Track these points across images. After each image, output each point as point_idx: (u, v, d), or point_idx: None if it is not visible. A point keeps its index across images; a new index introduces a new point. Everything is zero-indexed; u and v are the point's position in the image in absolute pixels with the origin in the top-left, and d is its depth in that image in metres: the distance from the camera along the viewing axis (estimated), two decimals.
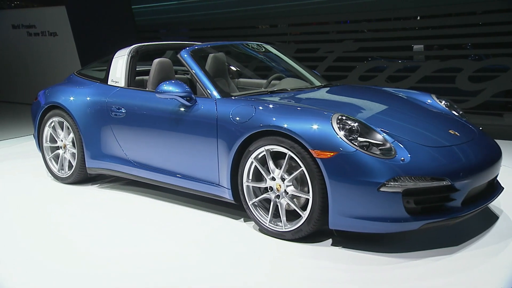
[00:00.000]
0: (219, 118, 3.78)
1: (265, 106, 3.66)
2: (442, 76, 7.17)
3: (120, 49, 4.88)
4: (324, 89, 4.44)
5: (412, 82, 7.27)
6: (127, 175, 4.59)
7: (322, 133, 3.26)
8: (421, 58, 7.71)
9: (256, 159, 3.60)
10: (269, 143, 3.50)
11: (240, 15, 8.72)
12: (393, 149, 3.22)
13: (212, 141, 3.80)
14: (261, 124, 3.50)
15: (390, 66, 7.47)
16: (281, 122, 3.41)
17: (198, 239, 3.60)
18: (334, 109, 3.55)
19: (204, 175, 3.96)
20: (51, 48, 10.44)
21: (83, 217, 4.12)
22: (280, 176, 3.52)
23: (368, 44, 7.79)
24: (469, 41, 7.20)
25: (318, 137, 3.25)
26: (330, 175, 3.20)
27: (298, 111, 3.50)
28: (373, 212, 3.13)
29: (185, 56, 4.26)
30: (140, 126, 4.35)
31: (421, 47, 7.61)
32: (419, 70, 7.27)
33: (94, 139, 4.69)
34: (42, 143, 5.12)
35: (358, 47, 7.78)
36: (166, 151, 4.19)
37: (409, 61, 7.72)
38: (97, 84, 4.85)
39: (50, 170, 5.11)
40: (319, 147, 3.23)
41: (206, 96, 4.00)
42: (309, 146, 3.26)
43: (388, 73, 7.46)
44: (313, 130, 3.29)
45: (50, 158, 5.10)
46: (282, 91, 4.22)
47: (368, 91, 4.56)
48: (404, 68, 7.53)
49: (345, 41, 7.85)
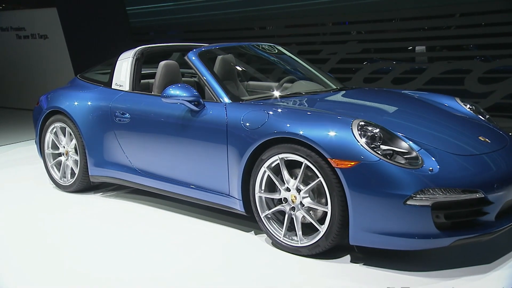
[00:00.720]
0: (229, 124, 3.53)
1: (279, 111, 3.40)
2: (450, 78, 6.90)
3: (125, 51, 4.65)
4: (340, 92, 4.18)
5: (419, 84, 7.02)
6: (131, 183, 4.35)
7: (341, 140, 3.00)
8: (424, 59, 7.42)
9: (269, 168, 3.35)
10: (283, 151, 3.24)
11: (239, 16, 8.42)
12: (420, 158, 2.94)
13: (222, 149, 3.55)
14: (275, 130, 3.25)
15: (396, 68, 7.20)
16: (297, 129, 3.15)
17: (211, 253, 3.37)
18: (353, 114, 3.28)
19: (213, 184, 3.72)
20: (42, 52, 10.07)
21: (86, 228, 3.89)
22: (295, 187, 3.26)
23: (372, 45, 7.51)
24: (475, 42, 6.92)
25: (337, 145, 3.00)
26: (350, 186, 2.94)
27: (315, 117, 3.24)
28: (398, 228, 2.86)
29: (193, 58, 4.02)
30: (145, 132, 4.12)
31: (423, 48, 7.33)
32: (426, 72, 7.01)
33: (97, 146, 4.47)
34: (43, 150, 4.88)
35: (362, 48, 7.53)
36: (172, 158, 3.96)
37: (416, 63, 7.44)
38: (101, 88, 4.62)
39: (52, 177, 4.88)
40: (339, 156, 2.97)
41: (215, 101, 3.75)
42: (328, 155, 3.00)
43: (394, 74, 7.19)
44: (331, 138, 3.03)
45: (52, 165, 4.87)
46: (295, 95, 3.95)
47: (387, 94, 4.29)
48: (411, 69, 7.25)
49: (348, 42, 7.58)
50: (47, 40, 9.98)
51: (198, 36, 8.93)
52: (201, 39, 8.09)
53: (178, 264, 3.23)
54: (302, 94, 3.99)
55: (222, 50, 4.52)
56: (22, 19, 10.24)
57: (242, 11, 8.36)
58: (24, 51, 10.31)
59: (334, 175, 3.02)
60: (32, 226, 3.97)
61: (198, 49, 4.16)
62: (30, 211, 4.33)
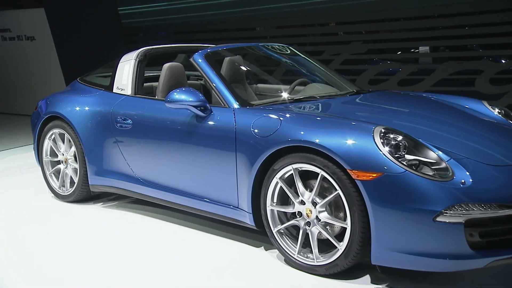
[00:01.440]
0: (238, 130, 3.27)
1: (292, 117, 3.14)
2: (460, 79, 6.62)
3: (126, 53, 4.42)
4: (357, 96, 3.90)
5: (427, 85, 6.75)
6: (134, 193, 4.11)
7: (362, 149, 2.73)
8: (428, 60, 7.17)
9: (281, 179, 3.09)
10: (297, 161, 2.98)
11: (238, 16, 8.12)
12: (450, 169, 2.67)
13: (230, 157, 3.30)
14: (289, 138, 2.98)
15: (404, 69, 6.92)
16: (312, 137, 2.89)
17: (217, 269, 3.12)
18: (374, 120, 3.01)
19: (220, 196, 3.47)
20: (29, 54, 9.62)
21: (85, 241, 3.65)
22: (310, 200, 2.99)
23: (378, 45, 7.23)
24: (483, 41, 6.63)
25: (358, 155, 2.73)
26: (373, 200, 2.67)
27: (332, 123, 2.98)
28: (427, 247, 2.58)
29: (199, 60, 3.76)
30: (148, 139, 3.88)
31: (427, 48, 7.05)
32: (435, 73, 6.73)
33: (97, 154, 4.23)
34: (41, 157, 4.64)
35: (367, 49, 7.26)
36: (177, 167, 3.71)
37: (420, 64, 7.15)
38: (101, 92, 4.38)
39: (50, 186, 4.64)
40: (359, 167, 2.71)
41: (223, 105, 3.50)
42: (347, 166, 2.74)
43: (401, 76, 6.90)
44: (351, 146, 2.76)
45: (50, 174, 4.63)
46: (309, 99, 3.68)
47: (408, 98, 4.00)
48: (419, 70, 6.98)
49: (352, 42, 7.30)
50: (34, 42, 9.53)
51: (190, 37, 8.64)
52: (193, 40, 7.84)
53: (181, 281, 2.97)
54: (316, 98, 3.71)
55: (230, 51, 4.26)
56: (8, 20, 9.78)
57: (239, 11, 8.05)
58: (10, 54, 9.86)
59: (354, 188, 2.76)
60: (27, 238, 3.72)
61: (204, 50, 3.90)
62: (27, 221, 4.09)
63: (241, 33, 8.34)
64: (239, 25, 8.25)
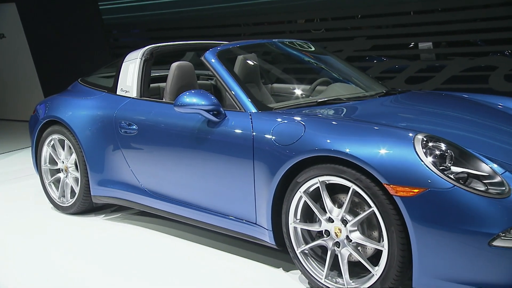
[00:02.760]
0: (256, 137, 2.97)
1: (318, 122, 2.84)
2: (473, 76, 6.30)
3: (131, 51, 4.13)
4: (388, 97, 3.57)
5: (437, 83, 6.41)
6: (139, 205, 3.82)
7: (401, 160, 2.42)
8: (431, 57, 6.82)
9: (306, 193, 2.79)
10: (324, 173, 2.68)
11: (232, 11, 7.67)
12: (506, 184, 2.34)
13: (247, 168, 3.00)
14: (315, 147, 2.67)
15: (412, 66, 6.61)
16: (342, 145, 2.58)
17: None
18: (413, 126, 2.68)
19: (236, 210, 3.17)
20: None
21: (87, 256, 3.38)
22: (340, 217, 2.68)
23: (384, 41, 6.86)
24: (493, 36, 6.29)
25: (396, 167, 2.42)
26: (414, 219, 2.36)
27: (365, 130, 2.66)
28: (481, 275, 2.26)
29: (212, 60, 3.46)
30: (155, 146, 3.59)
31: (430, 44, 6.70)
32: (446, 70, 6.40)
33: (100, 162, 3.95)
34: (40, 165, 4.35)
35: (372, 45, 6.88)
36: (187, 178, 3.43)
37: (429, 60, 6.81)
38: (104, 95, 4.09)
39: (50, 197, 4.37)
40: (398, 181, 2.39)
41: (238, 109, 3.19)
42: (383, 179, 2.43)
43: (409, 73, 6.56)
44: (388, 157, 2.45)
45: (49, 183, 4.34)
46: (335, 101, 3.35)
47: (445, 99, 3.67)
48: (428, 67, 6.65)
49: (356, 38, 6.96)
50: (4, 39, 9.12)
51: (166, 35, 8.32)
52: (168, 38, 7.49)
53: None
54: (342, 100, 3.39)
55: (243, 49, 3.96)
56: None
57: (233, 6, 7.61)
58: None
59: (391, 205, 2.44)
60: (25, 254, 3.44)
61: (216, 48, 3.60)
62: (23, 236, 3.81)
63: (234, 29, 7.94)
64: (232, 20, 7.80)
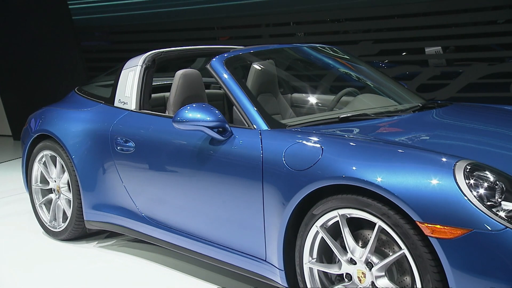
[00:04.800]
0: (266, 159, 2.69)
1: (338, 144, 2.54)
2: (493, 83, 5.99)
3: (131, 58, 3.88)
4: (425, 113, 3.22)
5: (452, 91, 6.07)
6: (137, 234, 3.58)
7: (439, 194, 2.11)
8: (441, 62, 6.48)
9: (323, 228, 2.49)
10: (345, 205, 2.38)
11: (231, 14, 7.41)
12: None
13: (255, 194, 2.73)
14: (333, 174, 2.36)
15: (424, 72, 6.27)
16: (366, 173, 2.28)
17: None
18: (455, 151, 2.34)
19: (243, 244, 2.90)
20: None
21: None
22: (364, 259, 2.36)
23: (392, 45, 6.52)
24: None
25: (433, 201, 2.11)
26: (455, 267, 2.05)
27: (395, 155, 2.35)
28: None
29: (218, 67, 3.19)
30: (154, 166, 3.35)
31: (438, 48, 6.34)
32: (462, 76, 6.06)
33: (95, 182, 3.73)
34: (30, 184, 4.14)
35: (380, 49, 6.53)
36: (189, 204, 3.18)
37: (439, 66, 6.46)
38: (100, 106, 3.87)
39: (40, 220, 4.14)
40: (435, 219, 2.09)
41: (246, 126, 2.90)
42: (417, 216, 2.12)
43: (421, 80, 6.20)
44: (422, 189, 2.14)
45: (40, 204, 4.12)
46: (360, 117, 3.03)
47: (496, 114, 3.31)
48: (442, 74, 6.32)
49: (361, 42, 6.61)
50: None
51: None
52: (166, 42, 7.17)
53: None
54: (369, 116, 3.06)
55: (257, 55, 3.71)
56: None
57: (226, 6, 7.28)
58: None
59: (427, 248, 2.13)
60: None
61: (223, 55, 3.32)
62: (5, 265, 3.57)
63: (234, 32, 7.56)
64: (228, 22, 7.42)
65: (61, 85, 7.89)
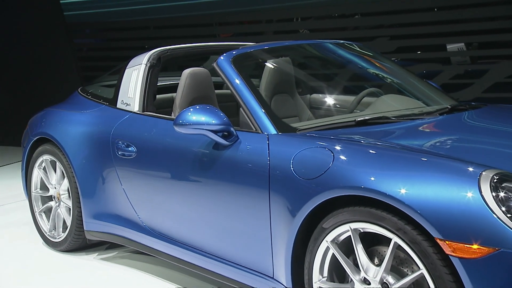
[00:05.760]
0: (272, 166, 2.60)
1: (351, 150, 2.44)
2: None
3: (136, 56, 3.83)
4: (452, 116, 3.09)
5: (477, 91, 5.87)
6: (138, 245, 3.53)
7: (462, 207, 1.99)
8: (466, 60, 6.25)
9: (334, 244, 2.39)
10: (358, 219, 2.28)
11: (232, 11, 7.28)
12: None
13: (262, 204, 2.64)
14: (345, 184, 2.26)
15: (446, 71, 6.07)
16: (380, 183, 2.17)
17: None
18: (482, 159, 2.22)
19: (248, 258, 2.82)
20: None
21: None
22: (379, 279, 2.26)
23: (411, 42, 6.32)
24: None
25: (455, 216, 1.99)
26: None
27: (413, 163, 2.24)
28: None
29: (225, 65, 3.13)
30: (155, 173, 3.30)
31: (462, 45, 6.13)
32: (487, 75, 5.84)
33: (95, 190, 3.69)
34: (30, 190, 4.11)
35: (396, 46, 6.34)
36: (190, 214, 3.12)
37: (462, 63, 6.26)
38: (102, 108, 3.84)
39: (40, 229, 4.11)
40: (457, 236, 1.97)
41: (253, 130, 2.82)
42: (437, 233, 2.01)
43: (442, 80, 5.99)
44: (443, 202, 2.02)
45: (40, 212, 4.10)
46: (379, 120, 2.90)
47: None
48: (466, 72, 6.14)
49: (377, 38, 6.42)
50: None
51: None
52: (161, 40, 7.05)
53: None
54: (389, 119, 2.93)
55: (270, 52, 3.62)
56: None
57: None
58: None
59: (447, 268, 2.01)
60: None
61: (231, 52, 3.25)
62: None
63: (236, 28, 7.45)
64: (228, 18, 7.32)
65: (51, 85, 7.90)
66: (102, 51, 8.57)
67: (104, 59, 8.20)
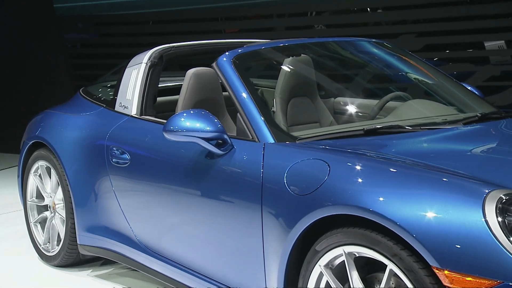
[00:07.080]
0: (266, 178, 2.57)
1: (347, 164, 2.37)
2: None
3: (137, 54, 3.84)
4: (484, 125, 2.99)
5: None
6: (132, 262, 3.54)
7: (462, 233, 1.91)
8: (507, 59, 6.10)
9: (328, 268, 2.33)
10: (352, 241, 2.21)
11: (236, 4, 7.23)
12: None
13: (254, 219, 2.61)
14: (335, 201, 2.22)
15: (480, 71, 5.95)
16: (374, 202, 2.10)
17: None
18: (491, 176, 2.11)
19: (242, 279, 2.80)
20: None
21: None
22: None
23: (440, 39, 6.18)
24: None
25: (454, 243, 1.92)
26: None
27: (414, 181, 2.18)
28: None
29: (225, 66, 3.11)
30: (148, 184, 3.30)
31: (502, 43, 6.03)
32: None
33: (89, 200, 3.71)
34: (25, 198, 4.19)
35: (424, 44, 6.19)
36: (183, 230, 3.14)
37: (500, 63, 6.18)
38: (100, 110, 3.88)
39: (34, 241, 4.17)
40: (456, 265, 1.90)
41: (250, 138, 2.80)
42: (434, 261, 1.94)
43: (476, 81, 5.82)
44: (442, 226, 1.95)
45: (35, 223, 4.16)
46: (391, 130, 2.81)
47: None
48: (503, 73, 6.03)
49: (401, 36, 6.27)
50: None
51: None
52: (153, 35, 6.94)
53: None
54: (403, 128, 2.83)
55: (282, 51, 3.57)
56: None
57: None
58: None
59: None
60: None
61: (236, 50, 3.25)
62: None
63: (242, 23, 7.42)
64: (228, 12, 7.31)
65: (41, 85, 7.92)
66: (96, 47, 8.58)
67: (98, 56, 8.23)
